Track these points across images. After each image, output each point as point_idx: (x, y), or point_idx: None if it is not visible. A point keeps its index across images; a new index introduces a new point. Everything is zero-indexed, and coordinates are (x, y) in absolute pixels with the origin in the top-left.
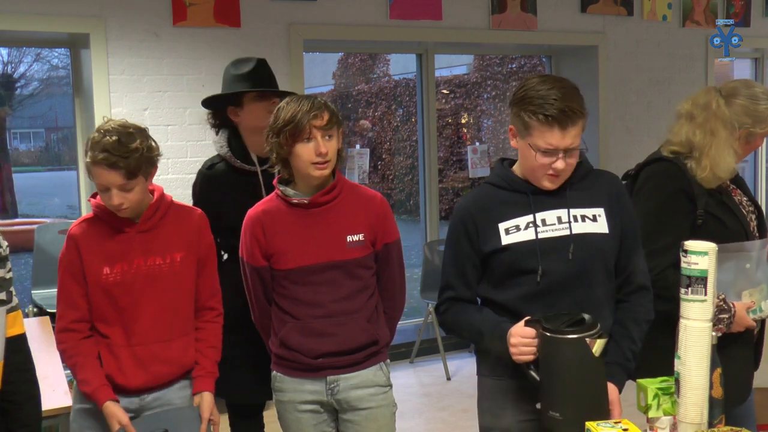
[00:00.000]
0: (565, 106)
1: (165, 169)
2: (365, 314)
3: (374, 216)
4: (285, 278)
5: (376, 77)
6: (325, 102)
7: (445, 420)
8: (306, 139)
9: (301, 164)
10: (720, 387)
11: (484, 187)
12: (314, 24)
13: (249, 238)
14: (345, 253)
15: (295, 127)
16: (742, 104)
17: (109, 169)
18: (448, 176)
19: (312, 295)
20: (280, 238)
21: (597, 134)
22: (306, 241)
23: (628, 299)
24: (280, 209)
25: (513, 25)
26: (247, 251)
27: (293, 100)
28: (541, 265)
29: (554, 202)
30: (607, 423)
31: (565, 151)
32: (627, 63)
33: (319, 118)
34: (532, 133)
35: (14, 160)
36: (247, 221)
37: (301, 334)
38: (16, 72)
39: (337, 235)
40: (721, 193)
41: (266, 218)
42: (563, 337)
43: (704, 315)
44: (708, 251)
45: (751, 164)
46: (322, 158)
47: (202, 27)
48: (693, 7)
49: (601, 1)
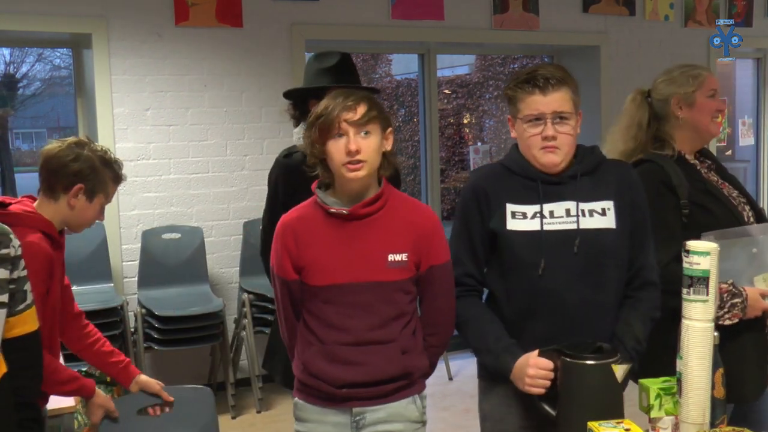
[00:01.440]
0: (544, 72)
1: (167, 169)
2: (400, 344)
3: (421, 233)
4: (315, 296)
5: (378, 77)
6: (367, 95)
7: (447, 420)
8: (337, 134)
9: (333, 165)
10: (722, 387)
11: (497, 166)
12: (316, 24)
13: (280, 248)
14: (384, 273)
15: (325, 121)
16: (662, 80)
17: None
18: (450, 176)
19: (342, 318)
20: (314, 250)
21: (599, 134)
22: (342, 257)
23: (634, 295)
24: (316, 218)
25: (515, 25)
26: (277, 262)
27: (333, 94)
28: (544, 258)
29: (564, 193)
30: (609, 423)
31: (554, 118)
32: (629, 63)
33: (351, 111)
34: (520, 107)
35: (16, 160)
36: (279, 228)
37: (325, 360)
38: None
39: (378, 253)
40: (704, 183)
41: (300, 226)
42: (590, 363)
43: (706, 315)
44: (710, 251)
45: (753, 164)
46: (352, 157)
47: (204, 27)
48: (695, 7)
49: (603, 1)
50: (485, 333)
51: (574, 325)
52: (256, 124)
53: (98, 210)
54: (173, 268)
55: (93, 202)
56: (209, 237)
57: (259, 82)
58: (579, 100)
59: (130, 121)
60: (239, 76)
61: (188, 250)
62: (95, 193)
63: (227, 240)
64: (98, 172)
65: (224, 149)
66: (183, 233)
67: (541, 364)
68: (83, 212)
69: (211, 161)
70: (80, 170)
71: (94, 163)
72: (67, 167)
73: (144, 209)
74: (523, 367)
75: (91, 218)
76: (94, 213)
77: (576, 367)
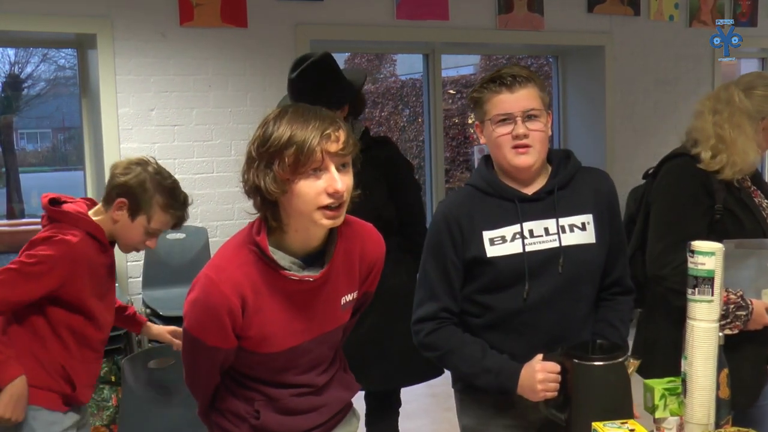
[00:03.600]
0: (509, 71)
1: (172, 169)
2: (338, 374)
3: (371, 262)
4: (260, 363)
5: (382, 77)
6: (336, 115)
7: (450, 420)
8: (314, 170)
9: (302, 207)
10: (727, 388)
11: (467, 189)
12: (321, 24)
13: (213, 320)
14: (337, 318)
15: (299, 152)
16: (761, 94)
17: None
18: (454, 176)
19: (294, 376)
20: (264, 317)
21: (603, 134)
22: (297, 318)
23: (613, 298)
24: (265, 278)
25: (519, 26)
26: (204, 330)
27: (290, 112)
28: (528, 281)
29: (542, 211)
30: (614, 423)
31: (523, 117)
32: (633, 63)
33: (333, 140)
34: (487, 108)
35: (21, 161)
36: (216, 297)
37: (280, 413)
38: (23, 72)
39: (333, 300)
40: (740, 191)
41: (248, 292)
42: (605, 364)
43: (711, 315)
44: (715, 252)
45: (758, 165)
46: (337, 199)
47: (208, 27)
48: (700, 7)
49: (607, 1)
50: (474, 356)
51: (551, 340)
52: None
53: (141, 232)
54: (178, 268)
55: (135, 222)
56: (214, 237)
57: (263, 82)
58: (548, 98)
59: (134, 121)
60: (244, 76)
61: (193, 250)
62: (137, 213)
63: None
64: (146, 192)
65: (229, 149)
66: (187, 233)
67: (549, 367)
68: (125, 230)
69: (216, 161)
70: (127, 185)
71: (145, 182)
72: (116, 179)
73: None
74: (531, 374)
75: (134, 239)
76: (138, 235)
77: (590, 368)
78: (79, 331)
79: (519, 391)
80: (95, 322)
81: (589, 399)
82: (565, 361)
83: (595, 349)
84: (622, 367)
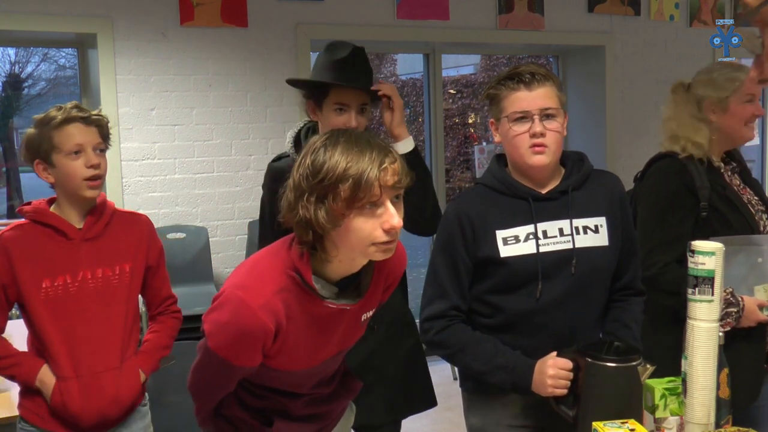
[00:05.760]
0: (527, 68)
1: (172, 168)
2: (342, 380)
3: (395, 278)
4: (279, 378)
5: (383, 77)
6: (388, 144)
7: (451, 420)
8: (370, 204)
9: (355, 243)
10: (727, 387)
11: (479, 188)
12: (321, 24)
13: (246, 344)
14: (356, 335)
15: (356, 187)
16: (700, 79)
17: (86, 125)
18: (455, 176)
19: (309, 387)
20: (294, 341)
21: (604, 134)
22: (322, 338)
23: (626, 299)
24: (302, 305)
25: (520, 25)
26: (234, 352)
27: (341, 140)
28: (541, 282)
29: (555, 211)
30: (614, 423)
31: (541, 115)
32: (634, 63)
33: (390, 173)
34: (504, 105)
35: (21, 161)
36: (252, 323)
37: (292, 420)
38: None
39: (356, 319)
40: (726, 189)
41: (284, 319)
42: (618, 366)
43: (711, 315)
44: (715, 251)
45: (759, 165)
46: (393, 236)
47: (209, 27)
48: (700, 7)
49: (608, 1)
50: (486, 353)
51: (561, 342)
52: (261, 123)
53: (68, 165)
54: (178, 268)
55: (58, 165)
56: (214, 237)
57: (264, 82)
58: (564, 98)
59: (135, 120)
60: (244, 76)
61: (193, 250)
62: (49, 155)
63: (232, 240)
64: (35, 136)
65: (229, 149)
66: (188, 233)
67: (561, 364)
68: (62, 179)
69: (216, 161)
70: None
71: (30, 134)
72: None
73: (149, 209)
74: (543, 370)
75: (74, 176)
76: (71, 170)
77: (603, 369)
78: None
79: (532, 387)
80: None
81: (598, 399)
82: (578, 358)
83: (610, 350)
84: (634, 372)
